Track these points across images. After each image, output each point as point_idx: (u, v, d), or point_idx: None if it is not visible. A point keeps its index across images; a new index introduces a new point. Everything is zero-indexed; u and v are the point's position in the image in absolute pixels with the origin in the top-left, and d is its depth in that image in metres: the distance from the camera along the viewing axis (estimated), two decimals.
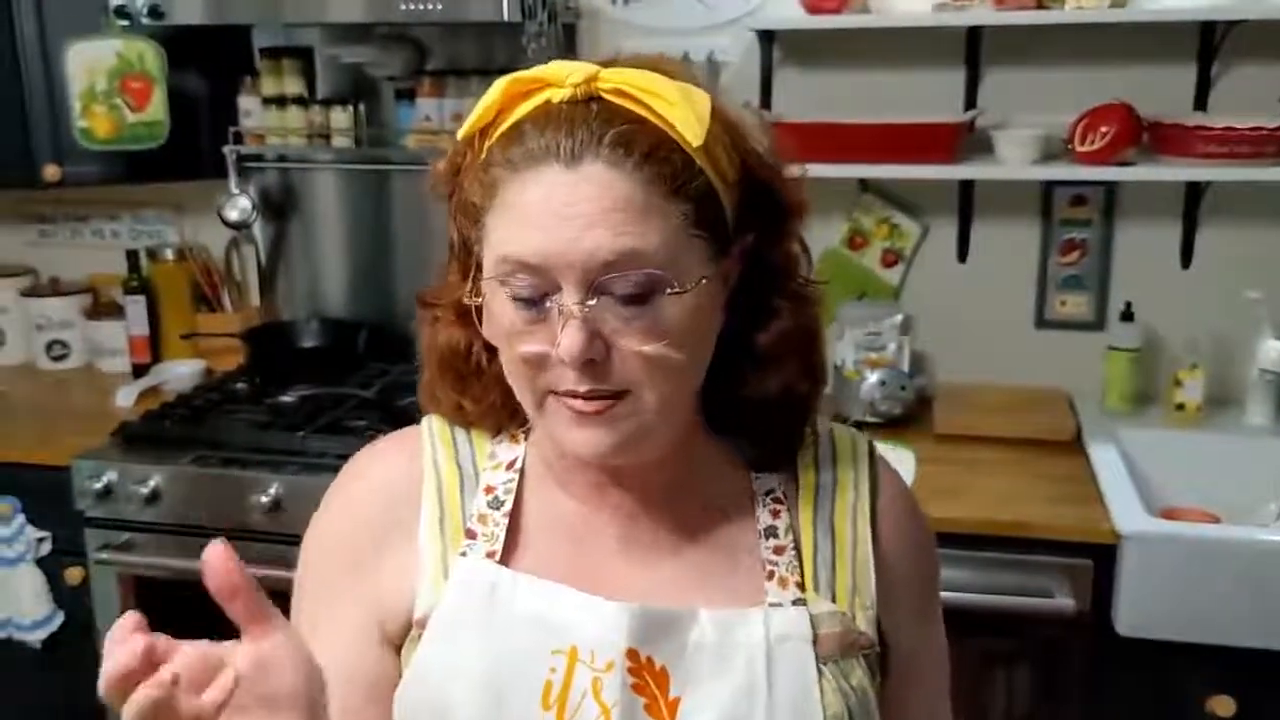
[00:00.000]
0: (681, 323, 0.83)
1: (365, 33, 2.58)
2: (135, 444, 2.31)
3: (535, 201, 0.81)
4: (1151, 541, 1.88)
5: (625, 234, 0.80)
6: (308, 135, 2.64)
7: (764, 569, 0.92)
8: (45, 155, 2.52)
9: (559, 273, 0.80)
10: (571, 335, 0.80)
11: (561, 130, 0.81)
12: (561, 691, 0.86)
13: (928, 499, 1.97)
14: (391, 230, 2.74)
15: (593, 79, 0.83)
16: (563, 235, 0.80)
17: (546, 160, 0.81)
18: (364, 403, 2.45)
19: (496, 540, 0.92)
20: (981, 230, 2.49)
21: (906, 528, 1.00)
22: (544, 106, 0.83)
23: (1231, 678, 1.89)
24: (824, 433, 0.99)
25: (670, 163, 0.82)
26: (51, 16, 2.46)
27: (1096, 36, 2.29)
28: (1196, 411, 2.33)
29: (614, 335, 0.82)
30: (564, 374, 0.82)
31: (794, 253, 0.94)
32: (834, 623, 0.91)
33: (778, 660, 0.87)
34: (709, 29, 2.48)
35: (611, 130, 0.81)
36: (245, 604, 0.70)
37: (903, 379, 2.36)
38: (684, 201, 0.82)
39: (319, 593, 0.97)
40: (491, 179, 0.84)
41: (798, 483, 0.96)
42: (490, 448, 0.97)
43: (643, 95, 0.82)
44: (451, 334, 0.94)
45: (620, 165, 0.80)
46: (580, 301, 0.80)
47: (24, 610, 2.36)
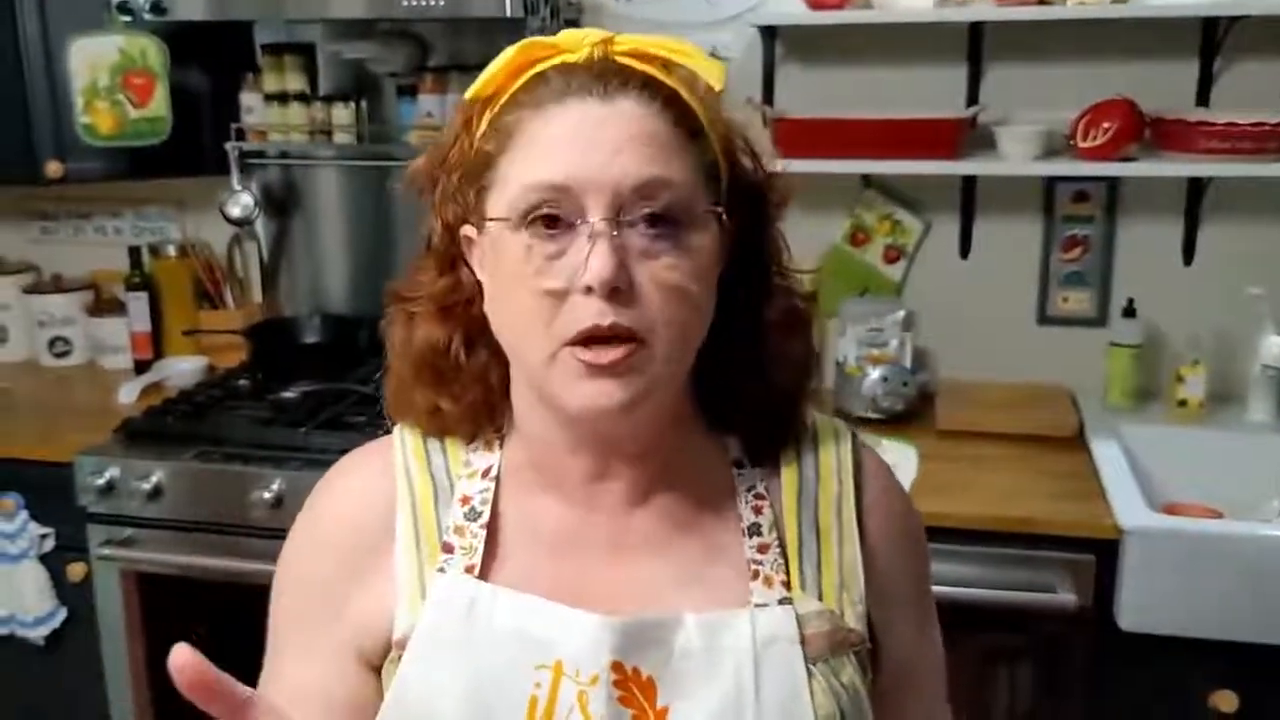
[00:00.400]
0: (699, 258, 0.84)
1: (367, 29, 2.57)
2: (137, 440, 2.31)
3: (565, 129, 0.82)
4: (1154, 537, 1.88)
5: (654, 162, 0.82)
6: (310, 131, 2.64)
7: (749, 569, 0.90)
8: (47, 151, 2.51)
9: (588, 195, 0.81)
10: (602, 256, 0.79)
11: (589, 75, 0.84)
12: (547, 707, 0.84)
13: (930, 495, 2.00)
14: (393, 226, 2.75)
15: (609, 41, 0.86)
16: (594, 159, 0.81)
17: (580, 95, 0.83)
18: (366, 398, 2.45)
19: (475, 553, 0.89)
20: (983, 226, 2.49)
21: (895, 520, 0.98)
22: (562, 65, 0.86)
23: (1234, 673, 1.89)
24: (807, 424, 0.98)
25: (689, 113, 0.86)
26: (54, 12, 2.46)
27: (1098, 32, 2.29)
28: (1198, 407, 2.33)
29: (637, 266, 0.81)
30: (584, 310, 0.81)
31: (777, 243, 0.95)
32: (822, 621, 0.89)
33: (765, 663, 0.86)
34: (711, 24, 2.48)
35: (637, 76, 0.85)
36: (224, 701, 0.68)
37: (905, 375, 2.36)
38: (699, 151, 0.85)
39: (294, 621, 0.95)
40: (509, 123, 0.85)
41: (780, 478, 0.95)
42: (465, 455, 0.95)
43: (660, 51, 0.86)
44: (430, 330, 0.92)
45: (649, 105, 0.84)
46: (609, 220, 0.80)
47: (27, 607, 2.36)
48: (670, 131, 0.83)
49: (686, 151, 0.84)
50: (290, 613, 0.96)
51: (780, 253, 0.95)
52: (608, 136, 0.82)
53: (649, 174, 0.81)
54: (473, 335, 0.92)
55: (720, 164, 0.87)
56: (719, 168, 0.87)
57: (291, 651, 0.94)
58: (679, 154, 0.84)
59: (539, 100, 0.84)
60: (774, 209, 0.93)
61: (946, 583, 1.93)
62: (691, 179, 0.84)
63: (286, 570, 0.98)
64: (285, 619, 0.96)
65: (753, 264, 0.92)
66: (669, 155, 0.83)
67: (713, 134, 0.87)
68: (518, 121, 0.84)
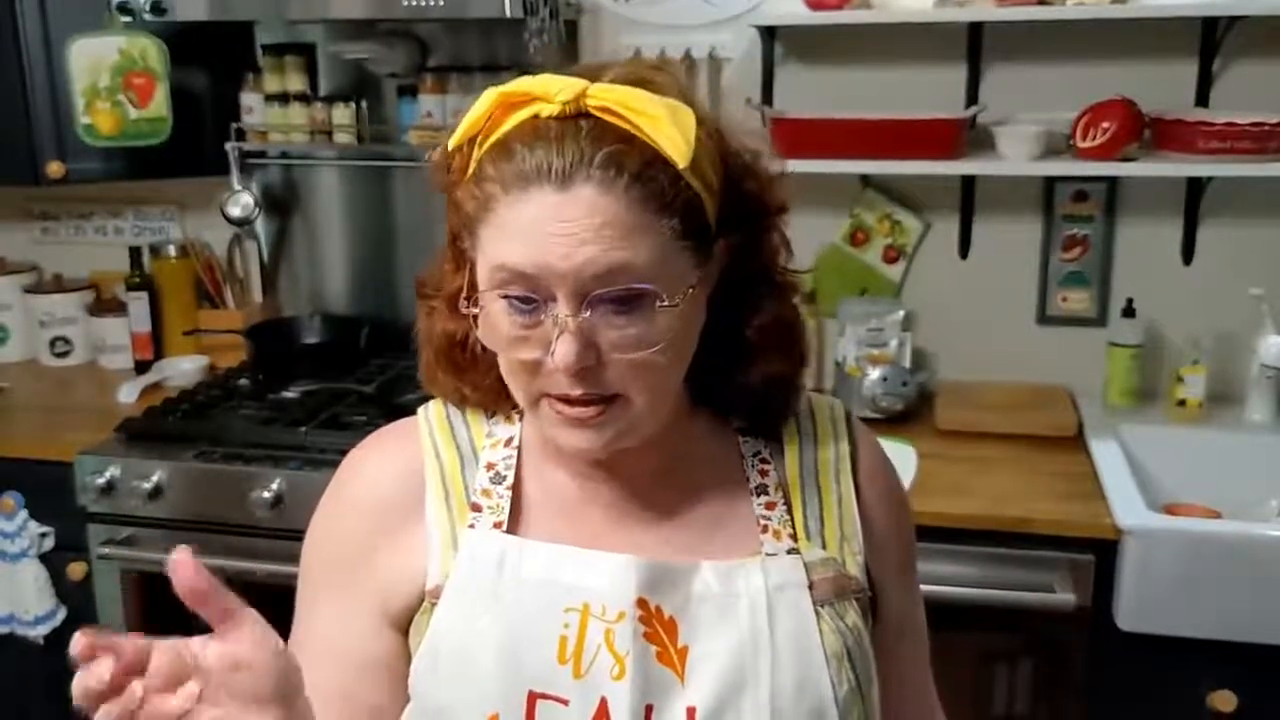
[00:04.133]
0: (670, 330, 0.87)
1: (367, 29, 2.58)
2: (138, 440, 2.32)
3: (527, 220, 0.84)
4: (1153, 537, 1.88)
5: (616, 249, 0.83)
6: (310, 132, 2.65)
7: (758, 524, 0.97)
8: (48, 152, 2.52)
9: (553, 284, 0.84)
10: (566, 345, 0.84)
11: (552, 149, 0.83)
12: (577, 646, 0.90)
13: (929, 495, 2.00)
14: (393, 227, 2.75)
15: (581, 96, 0.85)
16: (555, 251, 0.83)
17: (537, 182, 0.83)
18: (365, 398, 2.45)
19: (502, 511, 0.96)
20: (983, 226, 2.49)
21: (885, 485, 1.06)
22: (533, 122, 0.85)
23: (1233, 673, 1.89)
24: (803, 401, 1.05)
25: (658, 181, 0.84)
26: (55, 13, 2.46)
27: (1098, 32, 2.29)
28: (1198, 408, 2.33)
29: (606, 344, 0.86)
30: (558, 379, 0.87)
31: (775, 245, 0.98)
32: (827, 568, 0.96)
33: (777, 605, 0.92)
34: (711, 25, 2.48)
35: (601, 151, 0.83)
36: (214, 606, 0.73)
37: (904, 375, 2.36)
38: (671, 216, 0.85)
39: (325, 583, 1.00)
40: (484, 194, 0.86)
41: (782, 445, 1.02)
42: (487, 427, 1.01)
43: (630, 115, 0.84)
44: (447, 326, 0.98)
45: (610, 186, 0.83)
46: (574, 313, 0.84)
47: (27, 606, 2.36)
48: (633, 211, 0.83)
49: (653, 227, 0.85)
50: (321, 575, 1.00)
51: (779, 255, 0.98)
52: (568, 228, 0.83)
53: (609, 261, 0.83)
54: None
55: (704, 199, 0.88)
56: (704, 208, 0.88)
57: (322, 611, 0.99)
58: (644, 232, 0.84)
59: (505, 180, 0.85)
60: (774, 217, 0.97)
61: (946, 583, 1.94)
62: (661, 254, 0.85)
63: (316, 536, 1.02)
64: (316, 581, 1.01)
65: (753, 264, 0.96)
66: (632, 237, 0.84)
67: (693, 174, 0.86)
68: (489, 198, 0.86)
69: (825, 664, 0.91)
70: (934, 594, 1.92)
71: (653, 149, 0.84)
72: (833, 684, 0.91)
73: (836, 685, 0.91)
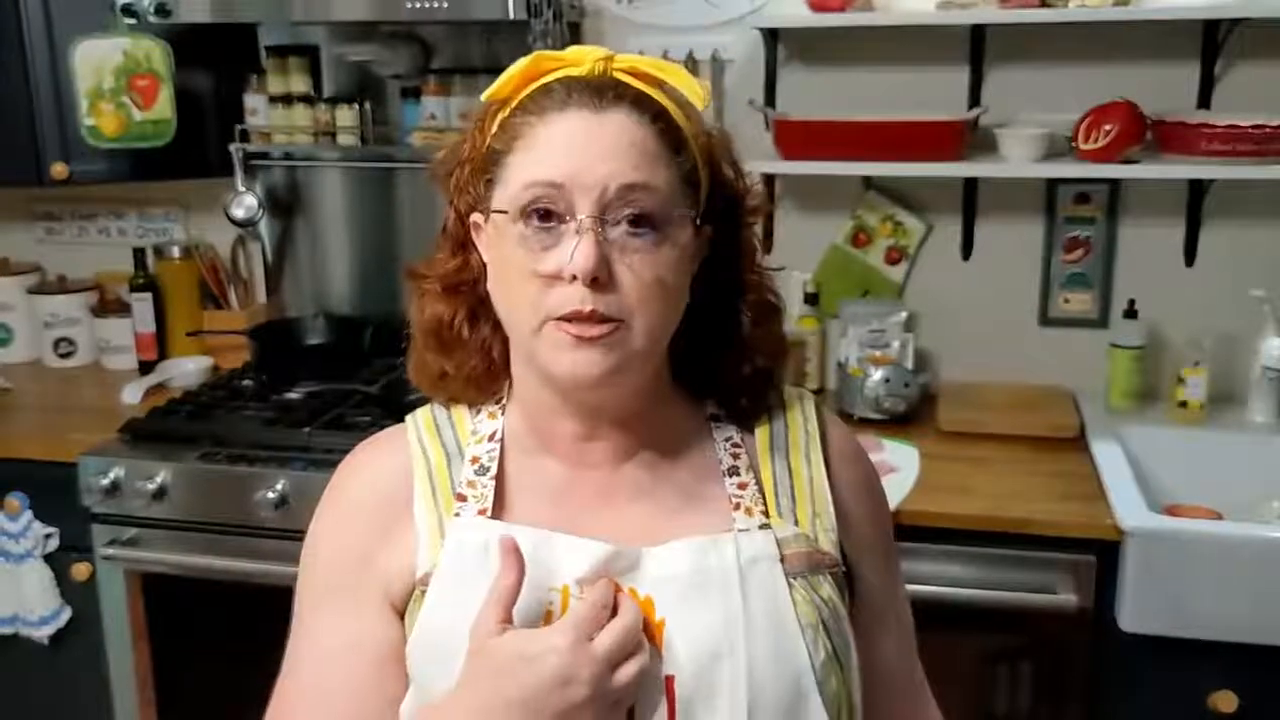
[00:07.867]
0: (674, 254, 0.94)
1: (371, 31, 2.58)
2: (142, 440, 2.32)
3: (563, 134, 0.92)
4: (1154, 538, 1.88)
5: (639, 169, 0.92)
6: (314, 133, 2.66)
7: (730, 502, 1.00)
8: (52, 153, 2.52)
9: (578, 194, 0.90)
10: (585, 249, 0.89)
11: (588, 89, 0.94)
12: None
13: (931, 496, 2.00)
14: (396, 228, 2.75)
15: (609, 59, 0.96)
16: (585, 162, 0.91)
17: (575, 105, 0.93)
18: (369, 399, 2.46)
19: (486, 500, 0.99)
20: (985, 228, 2.49)
21: (861, 473, 1.10)
22: (566, 78, 0.96)
23: (1234, 674, 1.89)
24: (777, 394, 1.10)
25: (675, 126, 0.96)
26: (58, 15, 2.47)
27: (1100, 35, 2.29)
28: (1200, 409, 2.33)
29: (618, 262, 0.91)
30: (569, 295, 0.91)
31: (752, 243, 1.05)
32: (799, 544, 0.99)
33: (750, 578, 0.95)
34: (713, 27, 2.48)
35: (631, 92, 0.95)
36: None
37: (906, 376, 2.37)
38: (684, 160, 0.95)
39: (331, 581, 1.03)
40: (516, 125, 0.94)
41: (753, 429, 1.06)
42: (471, 425, 1.06)
43: (654, 71, 0.97)
44: (437, 306, 1.04)
45: (639, 117, 0.94)
46: (594, 218, 0.90)
47: (31, 606, 2.37)
48: (656, 143, 0.94)
49: (669, 162, 0.94)
50: (326, 577, 1.03)
51: (754, 252, 1.05)
52: (599, 143, 0.92)
53: (633, 178, 0.91)
54: (477, 312, 1.03)
55: (701, 174, 0.97)
56: (699, 176, 0.97)
57: (331, 609, 1.02)
58: (662, 163, 0.94)
59: (543, 108, 0.94)
60: (749, 214, 1.04)
61: (948, 583, 1.94)
62: (672, 186, 0.94)
63: (318, 541, 1.06)
64: (320, 585, 1.04)
65: (730, 261, 1.03)
66: (653, 164, 0.93)
67: (695, 146, 0.97)
68: (523, 125, 0.94)
69: (800, 633, 0.94)
70: (935, 594, 1.94)
71: (672, 102, 0.96)
72: (809, 652, 0.93)
73: (813, 653, 0.93)
